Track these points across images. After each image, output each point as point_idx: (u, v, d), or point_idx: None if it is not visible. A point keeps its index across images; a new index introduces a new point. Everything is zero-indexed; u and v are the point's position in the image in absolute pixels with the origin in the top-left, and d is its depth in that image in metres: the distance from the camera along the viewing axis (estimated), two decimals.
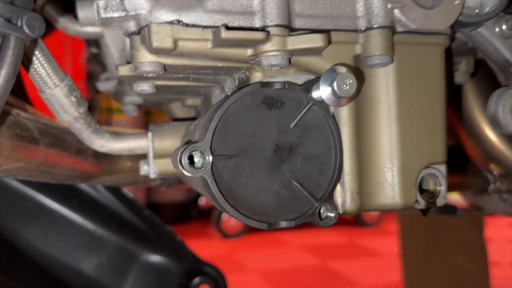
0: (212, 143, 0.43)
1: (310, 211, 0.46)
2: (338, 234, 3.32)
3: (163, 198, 3.48)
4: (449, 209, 0.99)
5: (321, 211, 0.46)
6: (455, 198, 1.12)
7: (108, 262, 0.95)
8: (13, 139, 0.54)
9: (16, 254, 0.92)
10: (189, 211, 3.82)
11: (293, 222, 0.46)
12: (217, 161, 0.43)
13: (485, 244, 1.56)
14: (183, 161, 0.42)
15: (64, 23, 0.72)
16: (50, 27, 0.77)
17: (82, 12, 0.65)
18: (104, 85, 0.83)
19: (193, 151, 0.42)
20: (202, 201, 3.96)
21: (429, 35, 0.48)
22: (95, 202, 0.96)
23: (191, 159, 0.42)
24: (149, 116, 3.15)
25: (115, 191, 0.96)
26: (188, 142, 0.44)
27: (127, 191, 0.97)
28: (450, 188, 1.02)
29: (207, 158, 0.42)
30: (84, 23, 0.68)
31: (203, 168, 0.42)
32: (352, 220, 3.72)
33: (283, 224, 0.45)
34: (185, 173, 0.42)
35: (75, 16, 0.77)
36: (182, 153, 0.42)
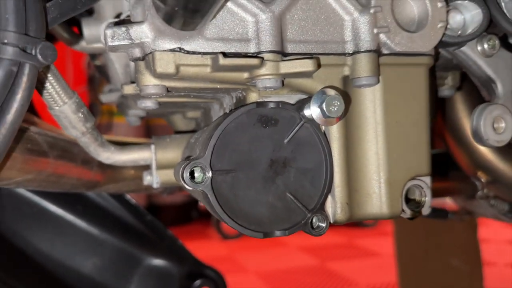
0: (211, 159, 0.46)
1: (303, 221, 0.49)
2: (336, 235, 3.36)
3: (164, 200, 3.51)
4: (441, 213, 1.03)
5: (313, 221, 0.50)
6: (447, 201, 1.16)
7: (112, 266, 0.98)
8: (25, 153, 0.57)
9: (24, 259, 0.95)
10: (189, 213, 3.86)
11: (287, 231, 0.49)
12: (216, 175, 0.46)
13: (479, 245, 1.59)
14: (184, 176, 0.45)
15: (70, 39, 0.75)
16: (55, 40, 0.81)
17: (87, 30, 0.68)
18: (108, 97, 0.87)
19: (194, 167, 0.46)
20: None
21: (414, 56, 0.52)
22: (99, 208, 1.00)
23: (192, 174, 0.46)
24: (149, 120, 3.18)
25: (118, 197, 0.99)
26: (189, 158, 0.48)
27: (130, 197, 1.00)
28: (442, 193, 1.06)
29: (207, 173, 0.46)
30: (90, 41, 0.71)
31: (203, 183, 0.46)
32: None
33: (278, 233, 0.49)
34: (187, 187, 0.46)
35: (78, 30, 0.81)
36: (184, 168, 0.45)
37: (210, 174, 0.46)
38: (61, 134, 0.70)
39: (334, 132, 0.50)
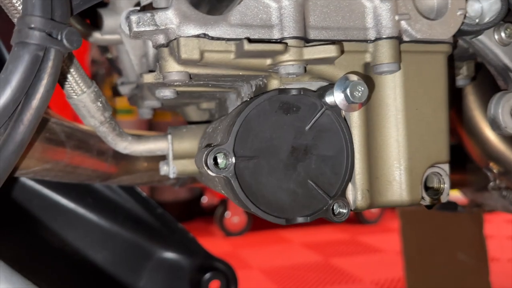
0: (234, 146, 0.46)
1: (324, 208, 0.50)
2: (339, 232, 3.36)
3: (167, 197, 3.52)
4: (450, 205, 1.03)
5: (334, 207, 0.50)
6: (456, 195, 1.16)
7: (122, 259, 0.99)
8: (43, 142, 0.58)
9: (35, 252, 0.96)
10: (192, 210, 3.86)
11: (309, 218, 0.49)
12: (239, 162, 0.47)
13: (485, 239, 1.60)
14: (208, 162, 0.45)
15: (84, 31, 0.75)
16: None
17: (105, 21, 0.68)
18: (120, 89, 0.87)
19: (218, 153, 0.46)
20: (205, 200, 3.99)
21: (433, 44, 0.52)
22: (110, 201, 1.00)
23: (215, 160, 0.46)
24: (152, 118, 3.18)
25: (129, 190, 0.99)
26: (210, 145, 0.48)
27: (140, 190, 1.00)
28: (452, 185, 1.06)
29: (230, 159, 0.46)
30: (105, 32, 0.71)
31: (226, 169, 0.46)
32: (353, 218, 3.76)
33: (300, 219, 0.49)
34: (210, 173, 0.46)
35: (90, 22, 0.81)
36: (207, 155, 0.46)
37: (233, 160, 0.46)
38: (77, 124, 0.70)
39: (355, 119, 0.50)
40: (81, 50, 2.81)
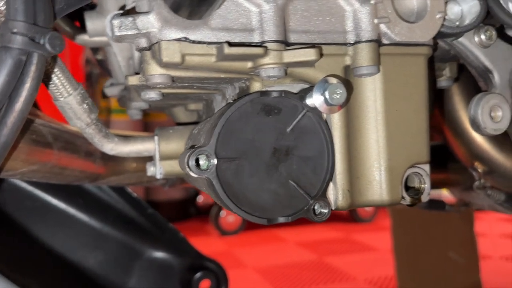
0: (216, 147, 0.47)
1: (305, 208, 0.51)
2: (333, 230, 3.38)
3: (162, 196, 3.52)
4: (438, 204, 1.05)
5: (315, 207, 0.51)
6: (445, 194, 1.17)
7: (113, 259, 0.99)
8: (30, 144, 0.58)
9: (25, 253, 0.96)
10: (188, 209, 3.87)
11: (290, 217, 0.50)
12: (221, 163, 0.47)
13: (475, 238, 1.61)
14: (190, 163, 0.46)
15: (72, 33, 0.76)
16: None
17: (90, 24, 0.69)
18: (109, 91, 0.87)
19: (200, 154, 0.47)
20: (200, 199, 4.00)
21: (413, 46, 0.53)
22: (100, 201, 1.00)
23: (197, 161, 0.47)
24: (147, 117, 3.19)
25: (119, 190, 1.00)
26: (194, 146, 0.49)
27: (131, 190, 1.01)
28: (439, 185, 1.07)
29: (212, 161, 0.47)
30: (92, 34, 0.72)
31: (208, 170, 0.47)
32: (347, 217, 3.77)
33: (281, 219, 0.50)
34: (192, 174, 0.47)
35: (80, 24, 0.82)
36: (189, 156, 0.46)
37: (215, 161, 0.47)
38: (64, 126, 0.70)
39: (336, 121, 0.51)
40: (76, 51, 2.81)
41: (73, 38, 0.76)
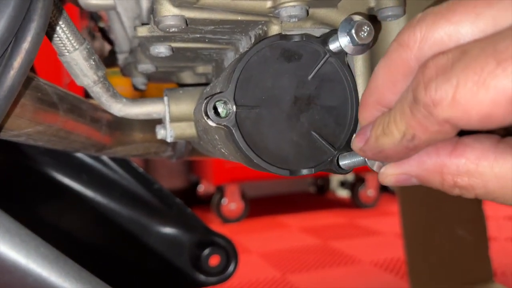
0: (234, 94, 0.44)
1: (328, 159, 0.48)
2: (336, 216, 3.36)
3: (163, 185, 3.50)
4: None
5: (340, 158, 0.48)
6: None
7: (120, 235, 0.97)
8: (35, 102, 0.55)
9: (31, 230, 0.93)
10: (189, 199, 3.85)
11: (313, 169, 0.47)
12: (240, 111, 0.45)
13: (484, 215, 1.59)
14: (208, 110, 0.43)
15: None
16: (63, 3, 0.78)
17: None
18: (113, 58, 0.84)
19: (217, 100, 0.44)
20: (201, 188, 3.98)
21: None
22: (105, 177, 0.98)
23: (215, 110, 0.44)
24: None
25: (125, 165, 0.97)
26: (211, 95, 0.46)
27: (136, 165, 0.98)
28: None
29: (231, 107, 0.44)
30: None
31: (227, 118, 0.44)
32: (350, 203, 3.76)
33: (304, 171, 0.47)
34: (210, 123, 0.44)
35: None
36: (207, 103, 0.44)
37: (234, 108, 0.44)
38: (69, 91, 0.67)
39: (360, 68, 0.48)
40: None
41: (74, 0, 0.73)
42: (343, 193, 4.16)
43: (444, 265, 1.56)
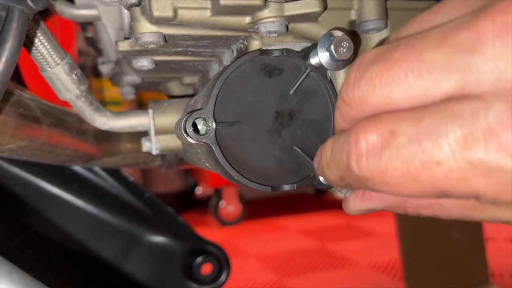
0: (214, 111, 0.44)
1: (311, 175, 0.47)
2: (334, 218, 3.36)
3: (160, 188, 3.49)
4: None
5: None
6: None
7: (111, 245, 0.96)
8: (17, 117, 0.55)
9: (20, 241, 0.93)
10: (187, 201, 3.84)
11: (295, 185, 0.47)
12: (220, 127, 0.44)
13: None
14: (187, 128, 0.43)
15: (60, 6, 0.72)
16: (46, 11, 0.78)
17: None
18: (101, 69, 0.84)
19: (197, 118, 0.43)
20: (199, 191, 3.97)
21: (421, 0, 0.50)
22: (96, 186, 0.97)
23: (195, 126, 0.44)
24: (143, 107, 3.15)
25: (115, 174, 0.97)
26: (191, 111, 0.45)
27: (127, 174, 0.98)
28: None
29: (210, 124, 0.43)
30: (80, 6, 0.68)
31: (207, 135, 0.43)
32: None
33: (286, 187, 0.47)
34: (190, 140, 0.44)
35: (70, 1, 0.78)
36: (186, 120, 0.43)
37: (213, 125, 0.43)
38: (53, 104, 0.67)
39: (341, 81, 0.48)
40: (68, 42, 2.76)
41: (61, 12, 0.73)
42: (341, 195, 4.15)
43: (440, 267, 1.56)
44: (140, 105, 3.20)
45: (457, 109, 0.25)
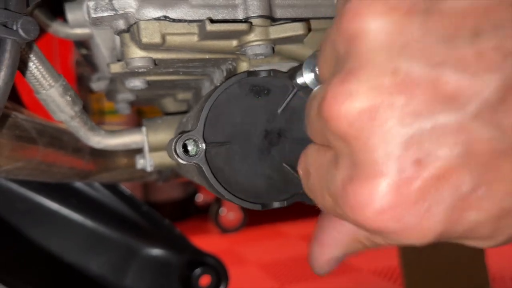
0: (204, 132, 0.45)
1: (301, 191, 0.48)
2: None
3: (161, 196, 3.50)
4: None
5: None
6: None
7: (109, 259, 0.97)
8: (13, 140, 0.56)
9: (19, 256, 0.94)
10: (187, 209, 3.85)
11: (285, 202, 0.48)
12: (210, 148, 0.45)
13: None
14: (177, 150, 0.44)
15: (54, 26, 0.73)
16: (40, 31, 0.79)
17: (71, 14, 0.66)
18: (97, 85, 0.85)
19: (187, 139, 0.44)
20: (200, 198, 3.98)
21: None
22: (94, 201, 0.98)
23: (185, 148, 0.45)
24: (142, 116, 3.16)
25: (113, 188, 0.98)
26: (181, 133, 0.47)
27: (125, 188, 0.99)
28: None
29: (200, 145, 0.45)
30: (74, 25, 0.69)
31: (197, 156, 0.45)
32: None
33: (276, 204, 0.48)
34: (180, 161, 0.45)
35: (64, 20, 0.79)
36: (176, 142, 0.44)
37: (203, 146, 0.44)
38: (49, 122, 0.68)
39: None
40: (66, 51, 2.79)
41: (55, 31, 0.74)
42: None
43: (439, 273, 1.57)
44: (139, 114, 3.22)
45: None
